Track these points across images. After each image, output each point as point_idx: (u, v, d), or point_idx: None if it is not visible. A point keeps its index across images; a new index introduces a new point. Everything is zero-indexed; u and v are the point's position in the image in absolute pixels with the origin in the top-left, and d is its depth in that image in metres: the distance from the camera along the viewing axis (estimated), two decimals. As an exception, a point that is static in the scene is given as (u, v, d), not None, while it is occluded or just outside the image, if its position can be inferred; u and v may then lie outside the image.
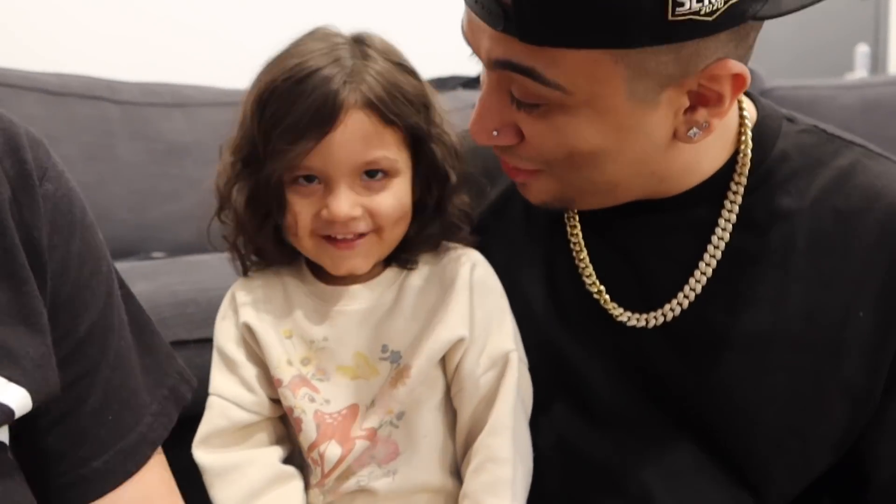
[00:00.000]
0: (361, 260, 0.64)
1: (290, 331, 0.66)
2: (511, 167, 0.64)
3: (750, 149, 0.63)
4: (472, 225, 0.70)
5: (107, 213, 1.35)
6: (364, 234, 0.63)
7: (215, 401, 0.65)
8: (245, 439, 0.65)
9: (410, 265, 0.67)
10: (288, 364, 0.65)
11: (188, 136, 1.48)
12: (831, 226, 0.62)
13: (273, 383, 0.65)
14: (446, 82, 1.73)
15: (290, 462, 0.67)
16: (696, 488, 0.63)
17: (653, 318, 0.65)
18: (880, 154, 0.65)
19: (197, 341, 0.88)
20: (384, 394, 0.64)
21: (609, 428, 0.66)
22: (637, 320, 0.65)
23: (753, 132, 0.64)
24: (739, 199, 0.63)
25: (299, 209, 0.62)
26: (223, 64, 1.80)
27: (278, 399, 0.66)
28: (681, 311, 0.64)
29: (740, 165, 0.63)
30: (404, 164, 0.64)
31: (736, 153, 0.64)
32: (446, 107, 0.69)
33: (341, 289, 0.67)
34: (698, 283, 0.63)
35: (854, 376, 0.61)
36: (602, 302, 0.66)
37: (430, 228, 0.67)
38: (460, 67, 0.60)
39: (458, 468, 0.66)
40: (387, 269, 0.68)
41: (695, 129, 0.57)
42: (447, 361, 0.65)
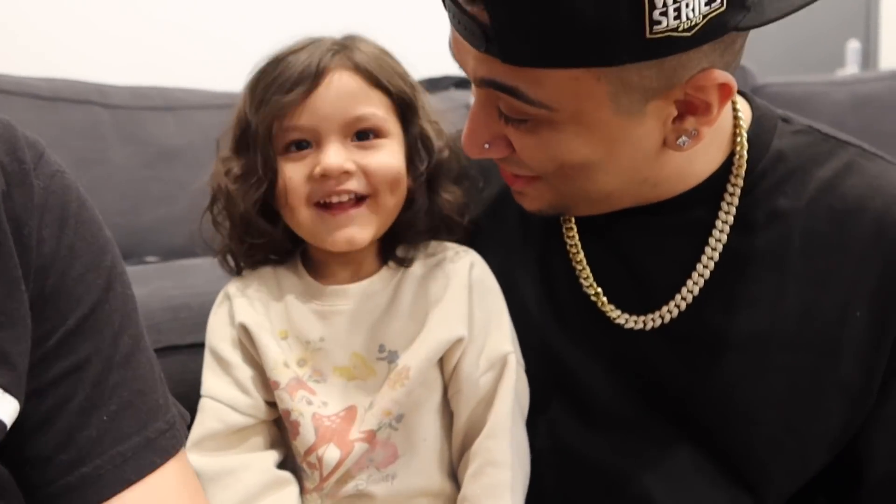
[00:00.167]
0: (358, 230, 0.63)
1: (285, 331, 0.66)
2: (510, 174, 0.64)
3: (745, 150, 0.63)
4: (467, 218, 0.70)
5: (99, 218, 1.34)
6: (360, 202, 0.63)
7: (208, 403, 0.64)
8: (239, 443, 0.64)
9: (406, 263, 0.67)
10: (284, 366, 0.64)
11: (179, 139, 1.47)
12: (827, 226, 0.62)
13: (268, 385, 0.64)
14: (439, 82, 1.73)
15: (284, 467, 0.66)
16: (695, 489, 0.63)
17: (650, 320, 0.65)
18: (875, 154, 0.65)
19: (190, 346, 0.88)
20: (383, 395, 0.63)
21: (607, 429, 0.66)
22: (634, 322, 0.65)
23: (748, 133, 0.64)
24: (735, 201, 0.63)
25: (291, 174, 0.63)
26: (215, 66, 1.80)
27: (273, 402, 0.65)
28: (678, 313, 0.64)
29: (736, 167, 0.63)
30: (394, 127, 0.65)
31: (731, 155, 0.64)
32: (439, 107, 0.69)
33: (337, 287, 0.66)
34: (696, 284, 0.63)
35: (851, 375, 0.61)
36: (599, 304, 0.66)
37: (424, 219, 0.67)
38: (453, 67, 0.60)
39: (456, 471, 0.66)
40: (383, 268, 0.67)
41: (684, 137, 0.56)
42: (445, 362, 0.65)
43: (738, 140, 0.64)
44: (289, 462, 0.67)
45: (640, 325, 0.65)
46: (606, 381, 0.66)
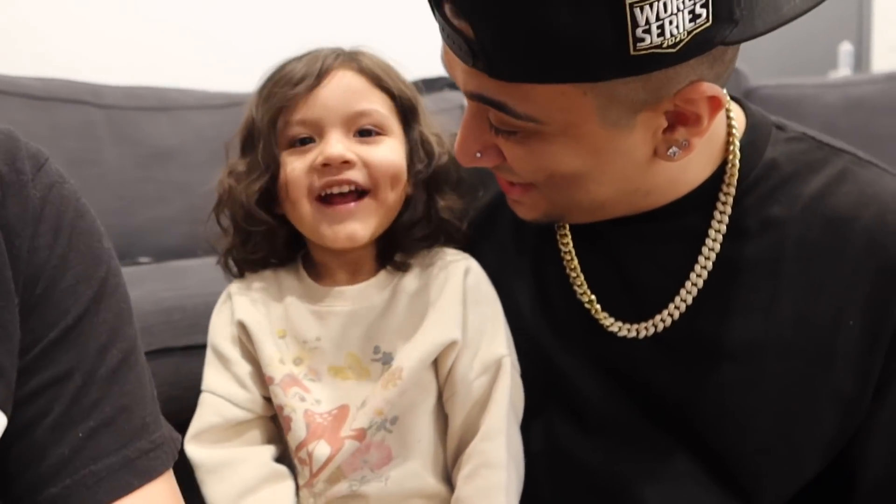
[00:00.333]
0: (359, 225, 0.64)
1: (284, 331, 0.67)
2: (505, 182, 0.64)
3: (738, 159, 0.63)
4: (466, 224, 0.71)
5: (92, 219, 1.33)
6: (360, 197, 0.64)
7: (208, 397, 0.66)
8: (237, 436, 0.65)
9: (404, 268, 0.68)
10: (280, 363, 0.65)
11: (173, 139, 1.47)
12: (821, 233, 0.62)
13: (265, 381, 0.65)
14: (433, 83, 1.72)
15: (283, 463, 0.67)
16: (689, 495, 0.63)
17: (643, 328, 0.65)
18: (869, 161, 0.65)
19: (183, 348, 0.88)
20: (375, 395, 0.63)
21: (601, 435, 0.66)
22: (627, 331, 0.65)
23: (742, 141, 0.64)
24: (728, 209, 0.63)
25: (293, 166, 0.64)
26: (209, 66, 1.79)
27: (271, 398, 0.66)
28: (671, 322, 0.64)
29: (728, 175, 0.63)
30: (395, 126, 0.66)
31: (724, 163, 0.64)
32: (433, 108, 0.70)
33: (335, 289, 0.67)
34: (689, 293, 0.63)
35: (844, 383, 0.61)
36: (593, 312, 0.66)
37: (422, 224, 0.68)
38: (447, 68, 0.60)
39: (450, 474, 0.66)
40: (381, 272, 0.68)
41: (674, 148, 0.56)
42: (440, 365, 0.65)
43: (731, 148, 0.63)
44: (286, 458, 0.68)
45: (634, 334, 0.65)
46: (600, 387, 0.66)
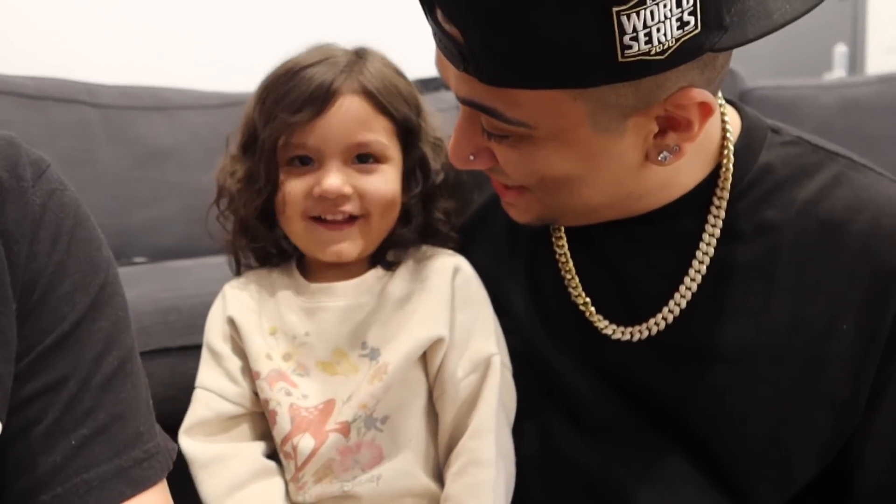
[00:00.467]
0: (349, 245, 0.65)
1: (275, 327, 0.68)
2: (500, 185, 0.64)
3: (731, 163, 0.63)
4: (455, 230, 0.71)
5: (87, 219, 1.33)
6: (352, 220, 0.65)
7: (200, 393, 0.67)
8: (228, 431, 0.66)
9: (394, 267, 0.69)
10: (267, 358, 0.66)
11: (169, 139, 1.47)
12: (815, 237, 0.62)
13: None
14: (430, 83, 1.72)
15: (275, 459, 0.67)
16: (682, 498, 0.63)
17: (638, 331, 0.65)
18: (864, 165, 0.65)
19: (180, 349, 0.88)
20: (361, 389, 0.64)
21: (595, 437, 0.66)
22: (622, 333, 0.65)
23: (737, 144, 0.64)
24: (723, 213, 0.63)
25: (291, 188, 0.65)
26: (204, 66, 1.79)
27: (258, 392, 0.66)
28: (666, 325, 0.64)
29: (722, 179, 0.63)
30: (394, 153, 0.67)
31: (718, 166, 0.64)
32: (431, 108, 0.70)
33: (325, 286, 0.68)
34: (683, 297, 0.63)
35: (838, 388, 0.61)
36: (588, 314, 0.66)
37: (414, 231, 0.69)
38: (444, 68, 0.60)
39: (441, 472, 0.66)
40: (371, 270, 0.69)
41: (665, 152, 0.56)
42: (428, 363, 0.65)
43: (726, 152, 0.63)
44: (278, 454, 0.68)
45: (628, 337, 0.65)
46: (594, 389, 0.66)
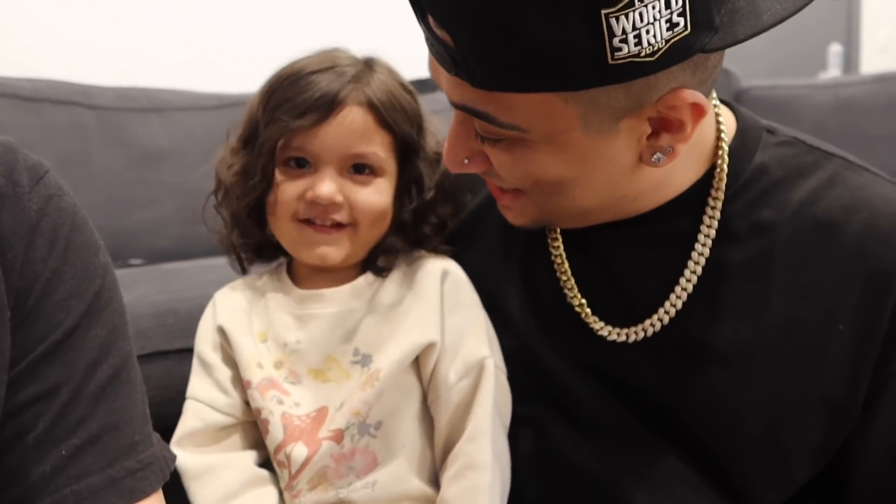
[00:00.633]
0: (334, 250, 0.65)
1: (265, 334, 0.67)
2: (496, 188, 0.64)
3: (726, 164, 0.63)
4: (445, 237, 0.71)
5: (83, 221, 1.33)
6: (341, 227, 0.65)
7: (191, 404, 0.66)
8: (219, 441, 0.66)
9: (384, 273, 0.68)
10: (258, 367, 0.66)
11: (165, 141, 1.46)
12: (811, 238, 0.62)
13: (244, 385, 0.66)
14: (426, 83, 1.72)
15: (268, 468, 0.67)
16: (679, 498, 0.63)
17: (633, 332, 0.65)
18: (860, 165, 0.66)
19: (177, 351, 0.87)
20: (353, 396, 0.64)
21: (591, 438, 0.65)
22: (618, 335, 0.65)
23: (731, 145, 0.64)
24: (718, 213, 0.63)
25: (284, 188, 0.65)
26: (200, 67, 1.79)
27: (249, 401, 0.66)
28: (661, 326, 0.64)
29: (717, 180, 0.63)
30: (391, 166, 0.67)
31: (713, 167, 0.64)
32: (427, 109, 0.70)
33: (316, 292, 0.68)
34: (679, 298, 0.63)
35: (833, 388, 0.61)
36: (583, 315, 0.66)
37: (404, 240, 0.69)
38: (439, 69, 0.60)
39: (437, 476, 0.66)
40: (361, 276, 0.69)
41: (658, 154, 0.56)
42: (421, 368, 0.65)
43: (720, 153, 0.63)
44: (271, 463, 0.68)
45: (624, 338, 0.65)
46: (591, 390, 0.65)
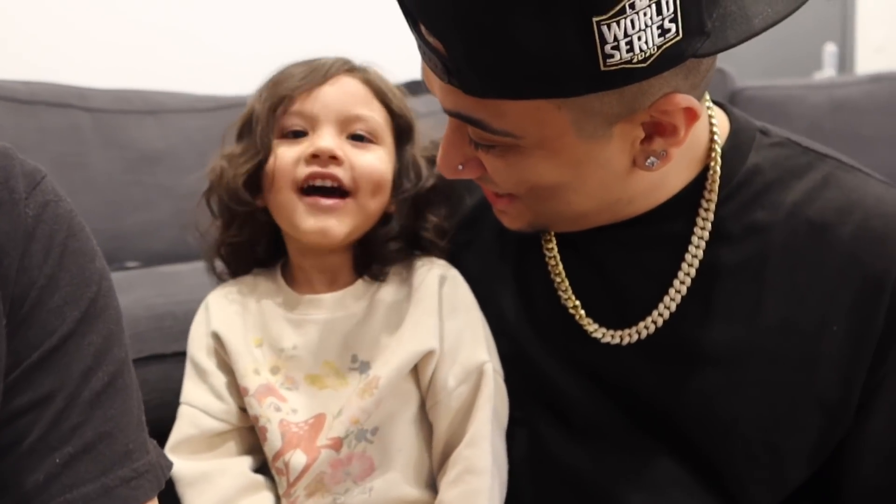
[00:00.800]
0: (336, 223, 0.64)
1: (260, 339, 0.67)
2: (491, 193, 0.65)
3: (719, 166, 0.63)
4: (446, 239, 0.71)
5: (79, 223, 1.33)
6: (342, 198, 0.64)
7: (185, 409, 0.66)
8: (214, 447, 0.65)
9: (381, 277, 0.68)
10: (255, 373, 0.65)
11: (161, 143, 1.46)
12: (805, 239, 0.62)
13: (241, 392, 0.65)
14: (419, 86, 1.72)
15: (263, 473, 0.67)
16: (674, 501, 0.63)
17: (627, 335, 0.65)
18: (853, 167, 0.66)
19: (175, 355, 0.87)
20: (351, 404, 0.63)
21: (586, 440, 0.66)
22: (612, 337, 0.65)
23: (724, 146, 0.64)
24: (711, 215, 0.63)
25: (283, 154, 0.65)
26: (197, 69, 1.79)
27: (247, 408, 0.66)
28: (655, 328, 0.64)
29: (710, 181, 0.63)
30: (388, 139, 0.68)
31: (706, 169, 0.64)
32: (421, 110, 0.70)
33: (313, 297, 0.67)
34: (673, 300, 0.63)
35: (828, 390, 0.61)
36: (577, 318, 0.66)
37: (400, 238, 0.68)
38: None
39: (434, 481, 0.66)
40: (358, 281, 0.68)
41: (652, 158, 0.56)
42: (420, 374, 0.65)
43: (713, 154, 0.64)
44: (267, 468, 0.67)
45: (618, 340, 0.65)
46: (585, 392, 0.66)
